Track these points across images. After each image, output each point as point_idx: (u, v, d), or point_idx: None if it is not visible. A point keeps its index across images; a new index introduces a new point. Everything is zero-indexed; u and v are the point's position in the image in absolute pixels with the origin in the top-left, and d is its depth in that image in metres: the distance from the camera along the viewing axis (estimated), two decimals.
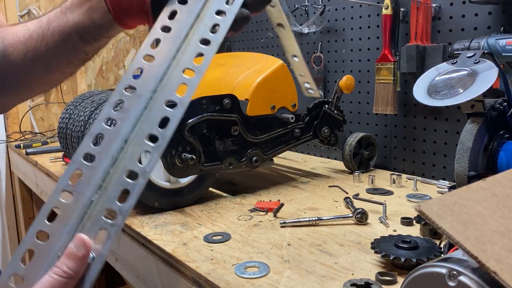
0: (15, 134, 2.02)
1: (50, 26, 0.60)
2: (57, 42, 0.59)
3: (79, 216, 0.41)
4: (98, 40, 0.61)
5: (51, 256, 0.39)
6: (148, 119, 0.44)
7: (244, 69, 1.12)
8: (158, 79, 0.46)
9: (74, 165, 0.43)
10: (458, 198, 0.38)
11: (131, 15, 0.56)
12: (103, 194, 0.42)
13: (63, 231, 0.40)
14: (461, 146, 0.80)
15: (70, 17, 0.58)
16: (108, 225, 0.41)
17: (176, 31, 0.49)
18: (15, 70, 0.62)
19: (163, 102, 0.45)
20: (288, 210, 0.94)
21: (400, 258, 0.64)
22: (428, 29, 1.12)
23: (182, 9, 0.50)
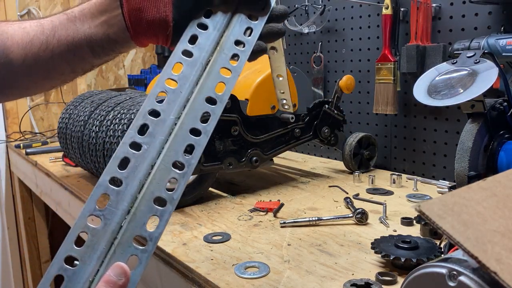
0: (15, 134, 2.02)
1: (56, 34, 0.56)
2: (64, 52, 0.56)
3: (109, 242, 0.41)
4: (109, 54, 0.58)
5: (82, 282, 0.39)
6: (174, 146, 0.45)
7: (244, 69, 1.11)
8: (182, 105, 0.47)
9: (100, 188, 0.42)
10: (458, 198, 0.38)
11: (151, 35, 0.54)
12: (132, 220, 0.42)
13: (92, 257, 0.40)
14: (461, 146, 0.80)
15: (81, 28, 0.55)
16: (139, 252, 0.41)
17: (198, 57, 0.49)
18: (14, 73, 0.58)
19: (188, 129, 0.46)
20: (288, 210, 0.94)
21: (400, 258, 0.64)
22: (428, 29, 1.12)
23: (202, 34, 0.51)
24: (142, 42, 0.55)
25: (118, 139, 0.92)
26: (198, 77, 0.48)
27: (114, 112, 1.00)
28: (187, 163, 0.44)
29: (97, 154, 1.00)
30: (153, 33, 0.54)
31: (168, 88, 0.47)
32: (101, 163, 1.00)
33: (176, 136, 0.45)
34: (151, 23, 0.52)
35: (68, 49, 0.56)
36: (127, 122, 0.93)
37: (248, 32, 0.52)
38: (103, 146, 0.98)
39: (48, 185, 1.45)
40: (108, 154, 0.95)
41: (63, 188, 1.27)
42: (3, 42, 0.57)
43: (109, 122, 0.99)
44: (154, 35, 0.54)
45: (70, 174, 1.33)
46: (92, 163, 1.06)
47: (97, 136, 1.01)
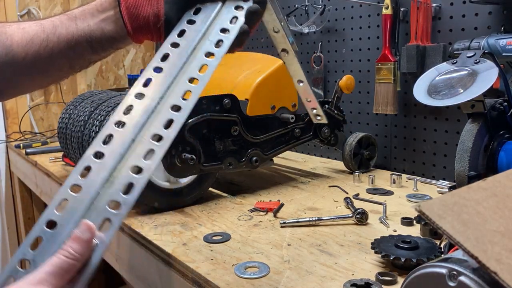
0: (15, 134, 2.02)
1: (56, 32, 0.59)
2: (63, 48, 0.59)
3: (86, 207, 0.44)
4: (106, 50, 0.61)
5: (58, 243, 0.42)
6: (155, 121, 0.49)
7: (244, 69, 1.12)
8: (166, 87, 0.51)
9: (84, 161, 0.46)
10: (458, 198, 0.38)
11: (146, 31, 0.58)
12: (109, 187, 0.45)
13: (70, 220, 0.43)
14: (461, 146, 0.80)
15: (81, 26, 0.59)
16: (112, 215, 0.44)
17: (184, 46, 0.54)
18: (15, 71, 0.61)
19: (169, 106, 0.50)
20: (288, 210, 0.94)
21: (400, 258, 0.64)
22: (428, 29, 1.12)
23: (190, 28, 0.56)
24: (138, 37, 0.59)
25: None
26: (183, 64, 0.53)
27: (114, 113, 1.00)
28: (166, 136, 0.48)
29: None
30: (148, 29, 0.58)
31: (154, 73, 0.52)
32: None
33: (158, 113, 0.49)
34: (146, 19, 0.57)
35: (68, 46, 0.59)
36: None
37: (234, 20, 0.57)
38: None
39: (48, 185, 1.45)
40: None
41: None
42: (3, 42, 0.59)
43: None
44: (149, 30, 0.58)
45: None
46: None
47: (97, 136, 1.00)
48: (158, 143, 0.47)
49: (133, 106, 0.50)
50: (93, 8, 0.59)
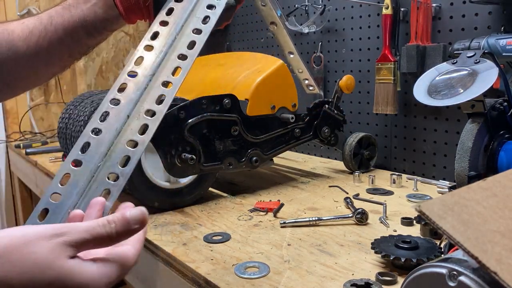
0: (14, 134, 2.02)
1: (52, 21, 0.62)
2: (61, 36, 0.62)
3: (87, 179, 0.47)
4: (101, 33, 0.65)
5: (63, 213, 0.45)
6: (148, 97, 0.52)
7: (244, 69, 1.12)
8: (157, 65, 0.54)
9: (84, 138, 0.49)
10: (458, 198, 0.38)
11: (136, 10, 0.61)
12: (107, 160, 0.48)
13: (73, 192, 0.47)
14: (461, 146, 0.80)
15: (75, 12, 0.62)
16: (111, 186, 0.47)
17: (173, 24, 0.56)
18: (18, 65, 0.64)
19: (160, 83, 0.53)
20: (288, 210, 0.94)
21: (400, 258, 0.64)
22: (428, 29, 1.12)
23: (178, 6, 0.58)
24: (130, 18, 0.62)
25: None
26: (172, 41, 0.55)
27: None
28: (159, 111, 0.51)
29: None
30: (138, 8, 0.61)
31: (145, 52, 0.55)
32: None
33: (149, 90, 0.52)
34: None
35: (65, 33, 0.62)
36: None
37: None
38: None
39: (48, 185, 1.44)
40: None
41: None
42: (5, 37, 0.62)
43: None
44: (139, 9, 0.61)
45: None
46: None
47: None
48: (151, 118, 0.50)
49: (126, 84, 0.53)
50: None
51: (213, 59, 1.33)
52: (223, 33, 1.85)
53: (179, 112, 0.90)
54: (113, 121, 0.50)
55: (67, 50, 0.65)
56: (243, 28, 1.76)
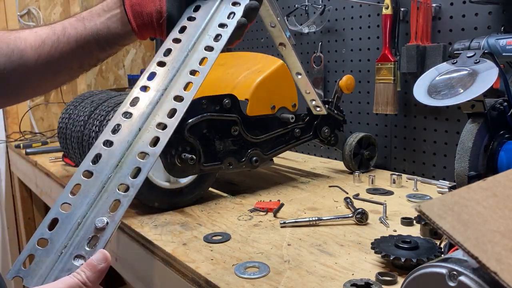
0: (14, 134, 2.02)
1: (65, 33, 0.63)
2: (73, 47, 0.63)
3: (98, 190, 0.48)
4: (113, 47, 0.66)
5: (72, 223, 0.46)
6: (159, 111, 0.53)
7: (244, 69, 1.12)
8: (169, 80, 0.55)
9: (95, 149, 0.51)
10: (458, 198, 0.38)
11: (149, 28, 0.62)
12: (118, 172, 0.49)
13: (83, 203, 0.47)
14: (461, 146, 0.80)
15: (88, 25, 0.63)
16: (122, 196, 0.48)
17: (185, 42, 0.58)
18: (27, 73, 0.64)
19: (172, 97, 0.54)
20: (288, 210, 0.94)
21: (400, 258, 0.64)
22: (428, 29, 1.12)
23: (190, 24, 0.60)
24: (142, 34, 0.63)
25: None
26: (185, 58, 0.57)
27: (114, 112, 1.00)
28: (170, 124, 0.52)
29: None
30: (151, 25, 0.62)
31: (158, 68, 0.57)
32: None
33: (161, 103, 0.53)
34: (149, 15, 0.61)
35: (77, 45, 0.63)
36: None
37: (231, 16, 0.61)
38: None
39: (48, 185, 1.45)
40: None
41: (63, 188, 1.27)
42: (17, 45, 0.63)
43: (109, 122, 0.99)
44: (152, 27, 0.62)
45: (70, 174, 1.33)
46: None
47: (97, 136, 1.00)
48: (163, 131, 0.51)
49: (139, 98, 0.54)
50: (99, 8, 0.64)
51: None
52: None
53: None
54: (125, 134, 0.51)
55: (78, 61, 0.66)
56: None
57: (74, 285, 0.43)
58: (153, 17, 0.61)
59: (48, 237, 0.46)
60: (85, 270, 0.44)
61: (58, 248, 0.45)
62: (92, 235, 0.46)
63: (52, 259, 0.45)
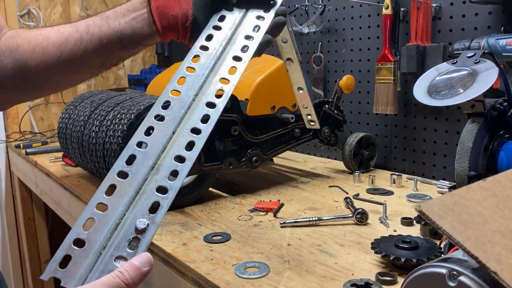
0: (15, 134, 2.02)
1: (89, 31, 0.64)
2: (96, 46, 0.64)
3: (135, 191, 0.48)
4: (135, 47, 0.66)
5: (110, 224, 0.45)
6: (192, 116, 0.54)
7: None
8: (199, 85, 0.56)
9: (128, 150, 0.51)
10: (458, 198, 0.38)
11: (174, 30, 0.63)
12: (155, 174, 0.49)
13: (120, 203, 0.47)
14: (461, 146, 0.80)
15: (112, 25, 0.63)
16: (161, 199, 0.48)
17: (212, 49, 0.60)
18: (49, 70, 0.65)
19: (204, 103, 0.55)
20: (288, 210, 0.94)
21: (400, 258, 0.64)
22: (428, 29, 1.12)
23: (216, 33, 0.62)
24: (166, 35, 0.64)
25: (118, 139, 0.92)
26: (213, 65, 0.58)
27: (114, 112, 1.00)
28: (203, 129, 0.53)
29: (97, 154, 1.00)
30: (176, 27, 0.63)
31: (187, 73, 0.57)
32: (101, 163, 1.00)
33: (193, 108, 0.54)
34: (175, 17, 0.62)
35: (100, 43, 0.64)
36: (127, 122, 0.93)
37: (256, 29, 0.62)
38: (103, 146, 0.98)
39: (48, 185, 1.45)
40: (108, 154, 0.95)
41: (63, 188, 1.27)
42: (39, 42, 0.64)
43: (109, 122, 0.99)
44: (176, 29, 0.63)
45: (70, 174, 1.33)
46: (92, 163, 1.06)
47: (97, 136, 1.01)
48: (197, 135, 0.52)
49: (170, 102, 0.54)
50: (124, 8, 0.64)
51: None
52: None
53: None
54: (158, 136, 0.52)
55: (99, 59, 0.66)
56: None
57: (117, 284, 0.42)
58: (178, 20, 0.62)
59: (85, 238, 0.45)
60: (129, 270, 0.43)
61: (97, 249, 0.45)
62: (133, 236, 0.45)
63: (90, 259, 0.44)
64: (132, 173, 0.49)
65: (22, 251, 2.09)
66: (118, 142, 0.91)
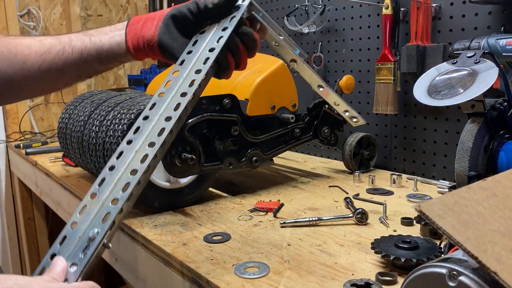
0: (15, 134, 2.02)
1: (71, 43, 0.69)
2: (76, 58, 0.69)
3: (98, 208, 0.54)
4: (111, 63, 0.72)
5: (78, 237, 0.52)
6: (153, 131, 0.59)
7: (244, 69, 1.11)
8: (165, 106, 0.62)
9: (101, 175, 0.57)
10: (458, 198, 0.38)
11: (141, 51, 0.70)
12: (114, 189, 0.55)
13: (86, 220, 0.53)
14: (461, 146, 0.80)
15: (93, 40, 0.70)
16: (112, 209, 0.53)
17: (181, 72, 0.66)
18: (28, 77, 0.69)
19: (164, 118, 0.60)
20: (288, 210, 0.94)
21: (400, 258, 0.64)
22: (428, 29, 1.12)
23: (188, 57, 0.67)
24: (136, 54, 0.70)
25: (118, 139, 0.92)
26: (180, 84, 0.64)
27: (114, 112, 1.00)
28: (158, 141, 0.58)
29: (97, 154, 1.00)
30: (143, 48, 0.69)
31: (158, 98, 0.63)
32: (101, 163, 1.00)
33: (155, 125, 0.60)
34: (142, 40, 0.69)
35: (80, 56, 0.69)
36: (127, 122, 0.93)
37: (219, 40, 0.67)
38: (103, 146, 0.98)
39: (48, 185, 1.45)
40: (108, 154, 0.95)
41: (63, 188, 1.27)
42: (19, 50, 0.68)
43: (109, 122, 0.99)
44: (144, 49, 0.69)
45: (70, 174, 1.33)
46: (92, 163, 1.06)
47: (97, 136, 1.01)
48: (152, 148, 0.58)
49: (140, 126, 0.60)
50: (107, 28, 0.71)
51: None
52: None
53: None
54: (125, 158, 0.58)
55: (77, 71, 0.71)
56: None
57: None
58: (145, 42, 0.69)
59: (57, 252, 0.51)
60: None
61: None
62: (86, 244, 0.51)
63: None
64: (99, 192, 0.55)
65: (22, 251, 2.09)
66: (118, 142, 0.91)
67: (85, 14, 2.20)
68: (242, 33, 0.69)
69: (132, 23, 0.71)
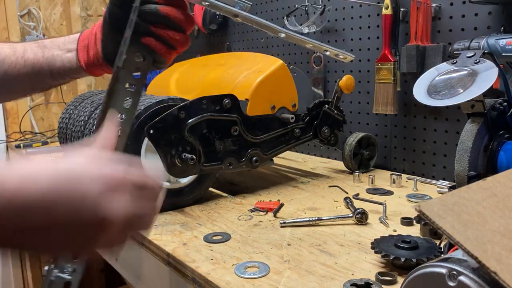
0: (15, 134, 2.02)
1: (24, 55, 0.68)
2: (29, 70, 0.68)
3: None
4: (64, 78, 0.71)
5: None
6: None
7: (244, 69, 1.12)
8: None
9: None
10: (458, 198, 0.38)
11: (94, 66, 0.69)
12: None
13: None
14: (461, 146, 0.80)
15: (46, 54, 0.68)
16: None
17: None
18: None
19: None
20: (288, 210, 0.94)
21: (400, 258, 0.64)
22: (428, 29, 1.12)
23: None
24: (89, 70, 0.69)
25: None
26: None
27: None
28: None
29: None
30: (96, 64, 0.68)
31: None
32: None
33: None
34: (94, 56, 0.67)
35: (32, 70, 0.68)
36: None
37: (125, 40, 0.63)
38: None
39: None
40: None
41: None
42: None
43: None
44: (97, 65, 0.68)
45: None
46: None
47: None
48: None
49: None
50: (60, 41, 0.69)
51: (213, 59, 1.33)
52: (223, 33, 1.85)
53: (179, 112, 0.91)
54: None
55: (30, 83, 0.70)
56: (243, 28, 1.76)
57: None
58: (96, 58, 0.67)
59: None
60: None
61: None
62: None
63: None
64: None
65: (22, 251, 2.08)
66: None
67: (85, 14, 2.20)
68: (144, 14, 0.59)
69: (81, 39, 0.68)
